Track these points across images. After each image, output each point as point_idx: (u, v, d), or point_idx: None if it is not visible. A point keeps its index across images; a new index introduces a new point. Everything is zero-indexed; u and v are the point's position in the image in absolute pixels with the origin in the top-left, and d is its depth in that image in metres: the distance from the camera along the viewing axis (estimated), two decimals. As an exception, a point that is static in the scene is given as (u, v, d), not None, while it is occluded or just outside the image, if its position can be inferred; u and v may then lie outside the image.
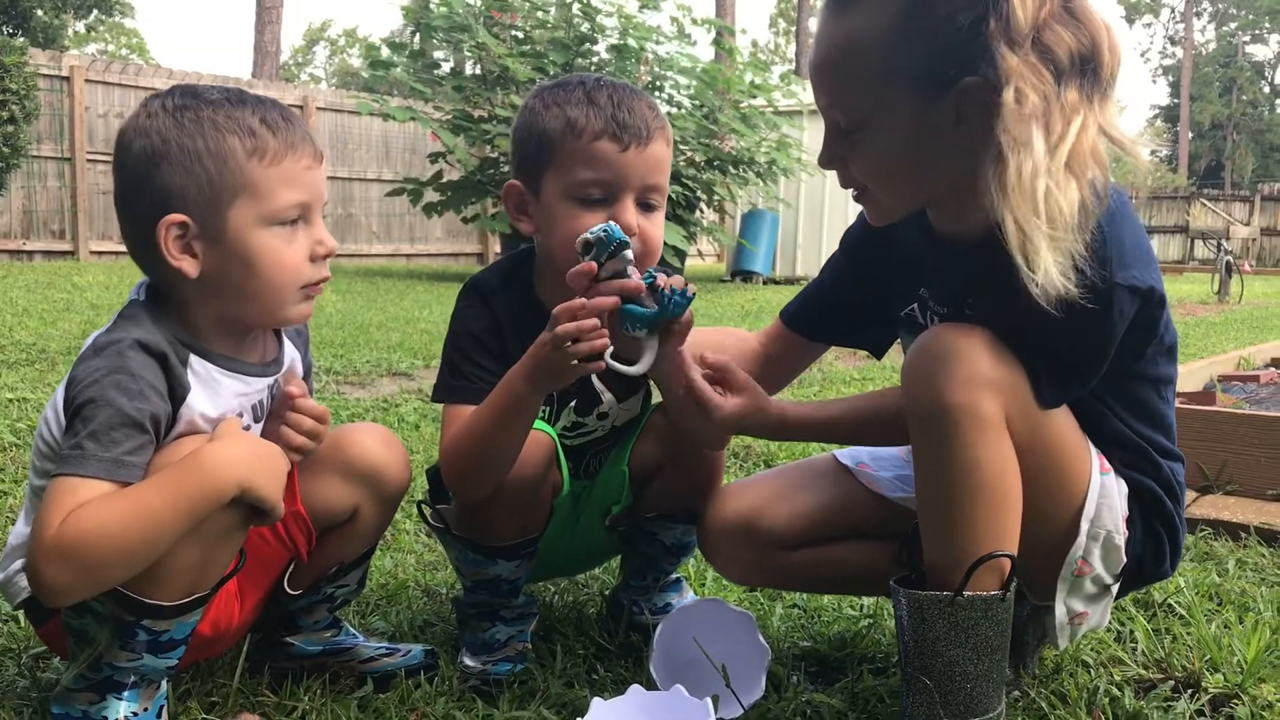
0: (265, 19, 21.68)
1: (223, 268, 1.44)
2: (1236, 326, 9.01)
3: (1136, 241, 1.42)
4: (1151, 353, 1.52)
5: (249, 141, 1.43)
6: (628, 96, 1.67)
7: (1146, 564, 1.59)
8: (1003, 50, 1.33)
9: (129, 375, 1.36)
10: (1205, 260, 21.66)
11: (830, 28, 1.46)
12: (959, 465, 1.41)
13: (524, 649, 1.78)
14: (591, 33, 11.70)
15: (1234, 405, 3.79)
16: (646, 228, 1.66)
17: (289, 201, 1.45)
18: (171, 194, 1.41)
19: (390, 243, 15.77)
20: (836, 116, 1.49)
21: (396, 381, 4.87)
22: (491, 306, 1.73)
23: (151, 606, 1.37)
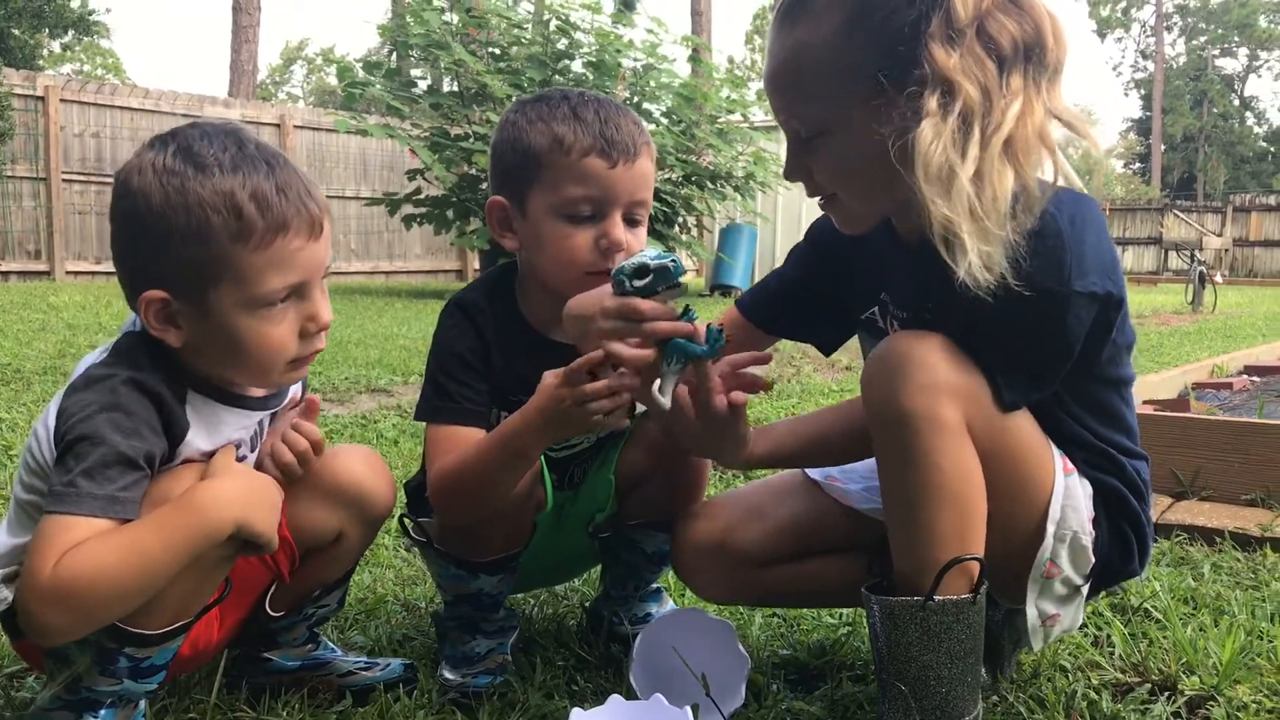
0: (241, 38, 21.64)
1: (206, 341, 1.40)
2: (1210, 336, 9.09)
3: (1099, 247, 1.42)
4: (1109, 354, 1.53)
5: (234, 224, 1.34)
6: (614, 113, 1.68)
7: (1115, 563, 1.60)
8: (937, 48, 1.35)
9: (124, 413, 1.33)
10: (1179, 271, 21.85)
11: (780, 39, 1.48)
12: (921, 471, 1.41)
13: (504, 661, 1.78)
14: (569, 49, 11.73)
15: (1208, 412, 3.82)
16: (633, 243, 1.67)
17: (277, 285, 1.39)
18: (151, 267, 1.37)
19: (369, 260, 15.74)
20: (795, 126, 1.51)
21: (375, 398, 4.85)
22: (477, 324, 1.72)
23: (135, 635, 1.36)
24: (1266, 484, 2.87)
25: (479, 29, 11.59)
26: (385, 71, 12.49)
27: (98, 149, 13.23)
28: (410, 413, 4.40)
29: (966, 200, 1.33)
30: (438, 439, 1.66)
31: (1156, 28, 58.97)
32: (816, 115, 1.47)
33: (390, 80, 12.10)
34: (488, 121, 10.75)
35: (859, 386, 1.50)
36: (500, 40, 11.73)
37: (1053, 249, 1.38)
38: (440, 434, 1.66)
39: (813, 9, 1.44)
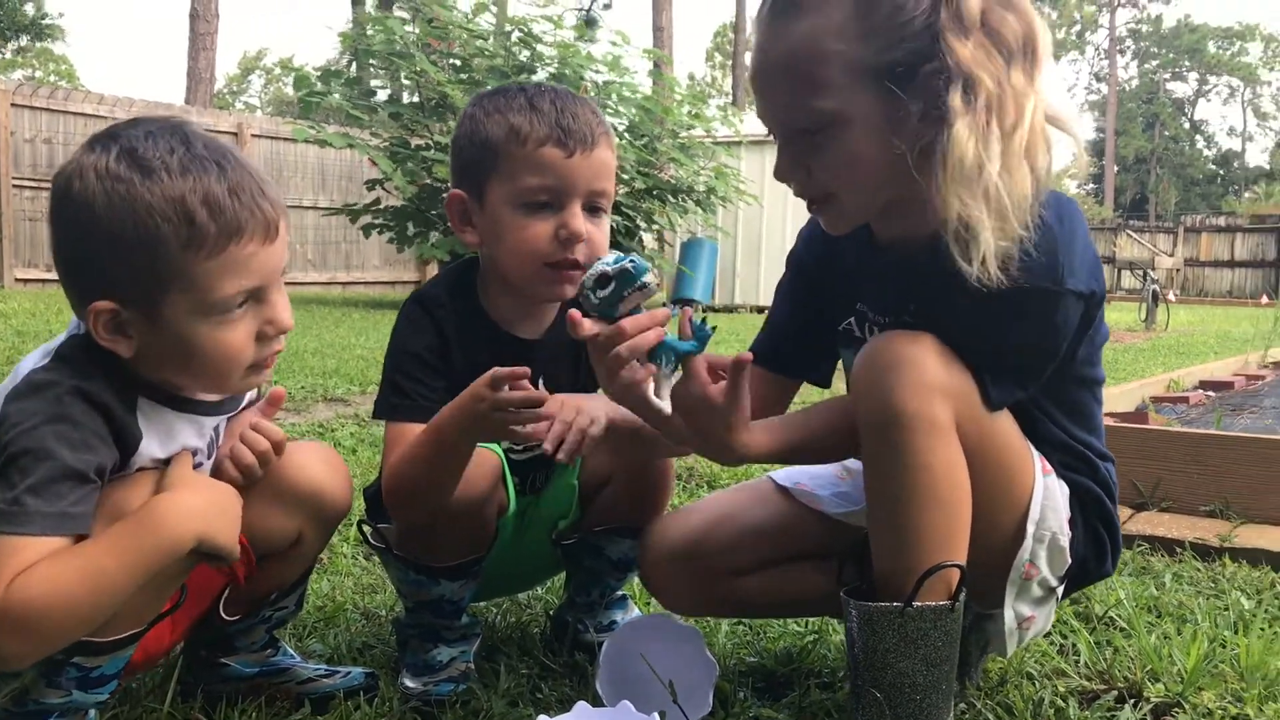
0: (199, 45, 21.41)
1: (159, 350, 1.34)
2: (1164, 353, 9.21)
3: (1086, 246, 1.44)
4: (1085, 353, 1.54)
5: (185, 231, 1.27)
6: (570, 102, 1.66)
7: (1090, 563, 1.60)
8: (955, 41, 1.35)
9: (70, 424, 1.27)
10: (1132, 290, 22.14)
11: (777, 33, 1.44)
12: (912, 473, 1.40)
13: (467, 669, 1.75)
14: (530, 61, 11.71)
15: (1166, 424, 3.86)
16: (594, 233, 1.66)
17: (231, 292, 1.32)
18: (99, 276, 1.30)
19: (326, 270, 15.59)
20: (798, 122, 1.46)
21: (332, 407, 4.79)
22: (436, 320, 1.70)
23: (84, 644, 1.31)
24: (1225, 495, 2.90)
25: (440, 40, 11.54)
26: (345, 80, 12.40)
27: (50, 155, 13.00)
28: (368, 422, 4.35)
29: (995, 197, 1.33)
30: (393, 437, 1.64)
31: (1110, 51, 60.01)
32: (826, 108, 1.42)
33: (350, 89, 12.01)
34: (448, 132, 10.69)
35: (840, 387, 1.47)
36: (461, 51, 11.69)
37: (1049, 248, 1.38)
38: (395, 431, 1.64)
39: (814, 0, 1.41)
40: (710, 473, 3.45)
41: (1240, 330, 12.58)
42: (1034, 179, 1.37)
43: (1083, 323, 1.46)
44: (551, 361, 1.74)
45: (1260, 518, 2.83)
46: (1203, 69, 61.22)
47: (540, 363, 1.72)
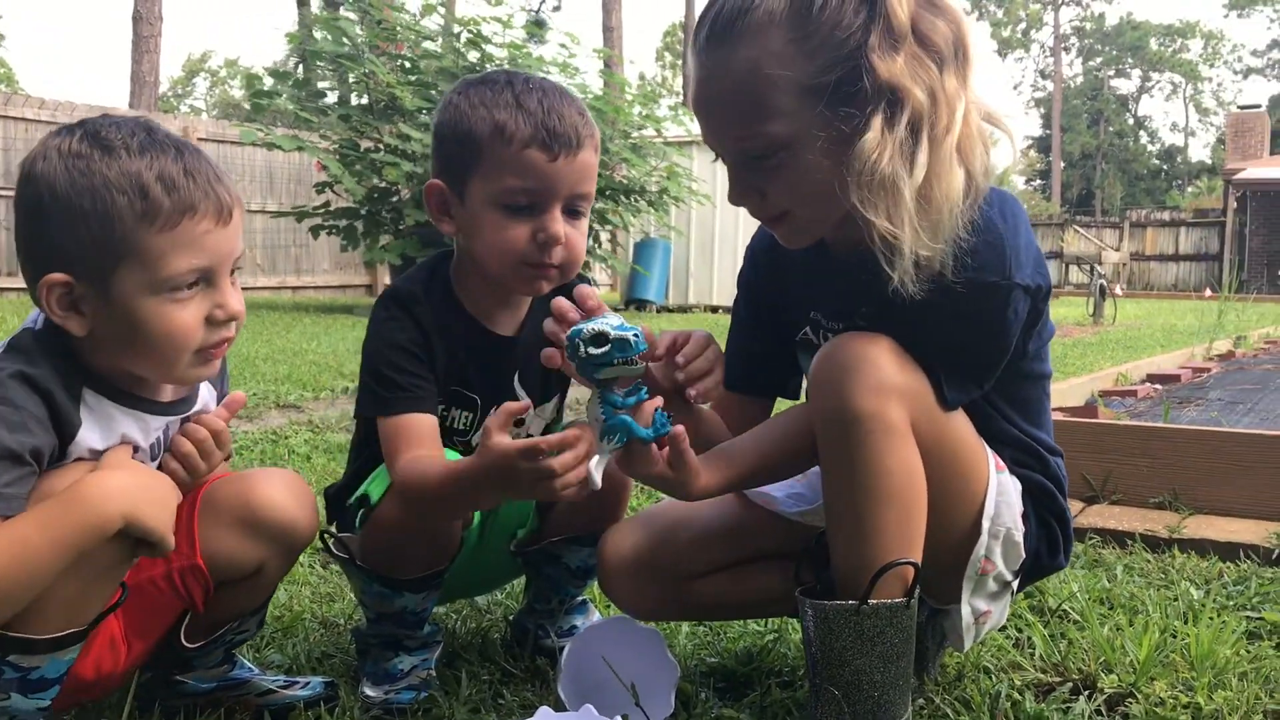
0: (142, 48, 21.09)
1: (110, 328, 1.35)
2: (1112, 346, 9.35)
3: (1029, 240, 1.47)
4: (1034, 348, 1.57)
5: (139, 204, 1.31)
6: (557, 100, 1.64)
7: (1043, 557, 1.63)
8: (878, 59, 1.37)
9: (10, 406, 1.28)
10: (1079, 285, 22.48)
11: (717, 60, 1.45)
12: (869, 473, 1.42)
13: (428, 676, 1.74)
14: (480, 62, 11.66)
15: (1116, 418, 3.92)
16: (572, 236, 1.66)
17: (182, 268, 1.34)
18: (55, 252, 1.33)
19: (276, 275, 15.42)
20: (748, 147, 1.47)
21: (285, 414, 4.75)
22: (415, 316, 1.68)
23: (17, 640, 1.29)
24: (1174, 487, 2.95)
25: (388, 41, 11.46)
26: (293, 82, 12.28)
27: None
28: (322, 428, 4.31)
29: (909, 212, 1.35)
30: (396, 431, 1.61)
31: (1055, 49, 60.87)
32: (773, 132, 1.43)
33: (298, 91, 11.89)
34: (397, 134, 10.63)
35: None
36: (410, 53, 11.62)
37: (993, 244, 1.41)
38: (397, 425, 1.62)
39: (753, 25, 1.41)
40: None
41: (1185, 323, 12.81)
42: (969, 180, 1.39)
43: (1030, 317, 1.49)
44: (526, 359, 1.72)
45: (1208, 508, 2.89)
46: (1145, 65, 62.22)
47: (517, 360, 1.72)
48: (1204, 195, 45.50)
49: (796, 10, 1.40)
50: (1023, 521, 1.58)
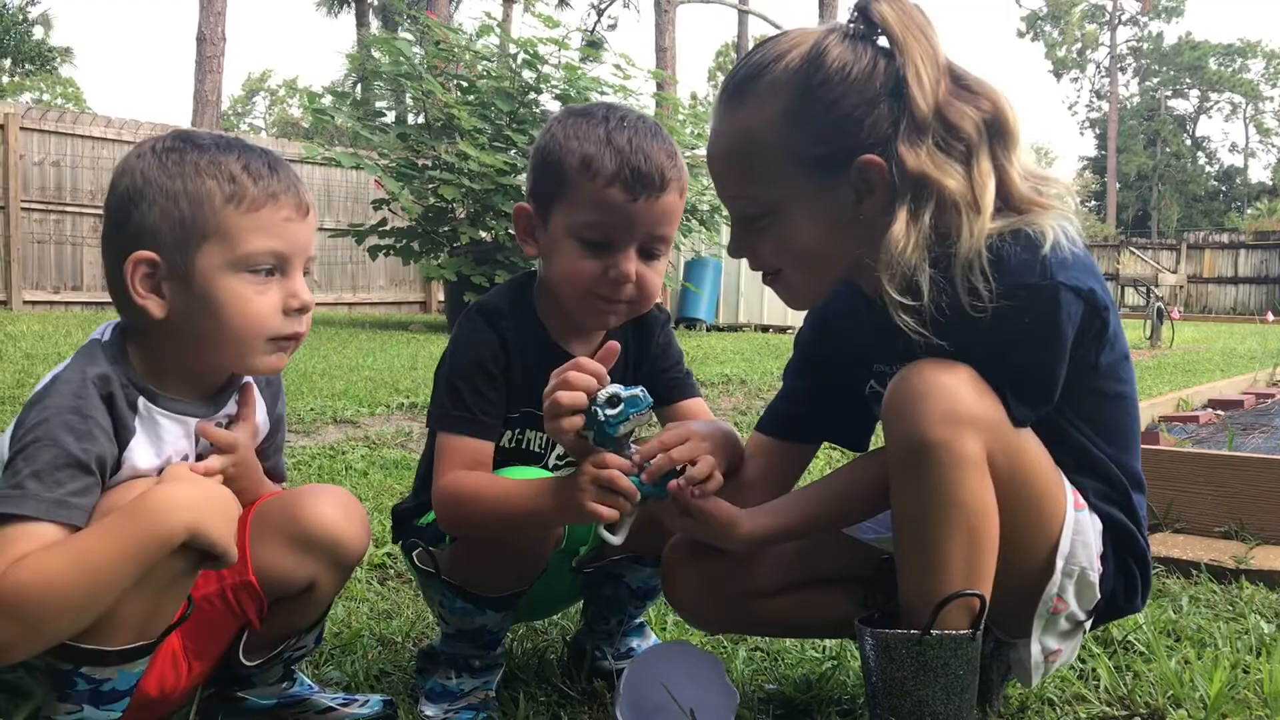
0: (205, 68, 21.51)
1: (188, 311, 1.42)
2: (1170, 370, 9.20)
3: (1078, 256, 1.45)
4: (1106, 363, 1.53)
5: (227, 187, 1.41)
6: (647, 141, 1.65)
7: (1120, 598, 1.59)
8: (905, 150, 1.44)
9: (79, 415, 1.32)
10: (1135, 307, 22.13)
11: (725, 121, 1.54)
12: (938, 503, 1.40)
13: (487, 697, 1.74)
14: (536, 82, 11.75)
15: (1178, 444, 3.85)
16: (646, 275, 1.67)
17: (261, 249, 1.43)
18: (145, 232, 1.41)
19: (332, 291, 15.61)
20: (741, 207, 1.55)
21: (342, 429, 4.79)
22: (499, 329, 1.70)
23: (91, 652, 1.31)
24: (1239, 516, 2.89)
25: (446, 61, 11.59)
26: (351, 101, 12.45)
27: (58, 178, 13.07)
28: (378, 444, 4.35)
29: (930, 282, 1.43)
30: (451, 449, 1.65)
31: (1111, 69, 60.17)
32: (762, 196, 1.52)
33: (357, 110, 12.06)
34: (454, 153, 10.74)
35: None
36: (467, 73, 11.73)
37: (1027, 247, 1.42)
38: (453, 444, 1.65)
39: (757, 91, 1.50)
40: (722, 495, 3.43)
41: (1245, 347, 12.57)
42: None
43: (1094, 326, 1.46)
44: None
45: (1276, 539, 2.82)
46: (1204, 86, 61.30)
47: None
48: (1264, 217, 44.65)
49: (799, 83, 1.47)
50: (1100, 562, 1.54)
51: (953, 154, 1.44)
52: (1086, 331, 1.45)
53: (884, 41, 1.50)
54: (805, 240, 1.51)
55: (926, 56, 1.47)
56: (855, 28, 1.51)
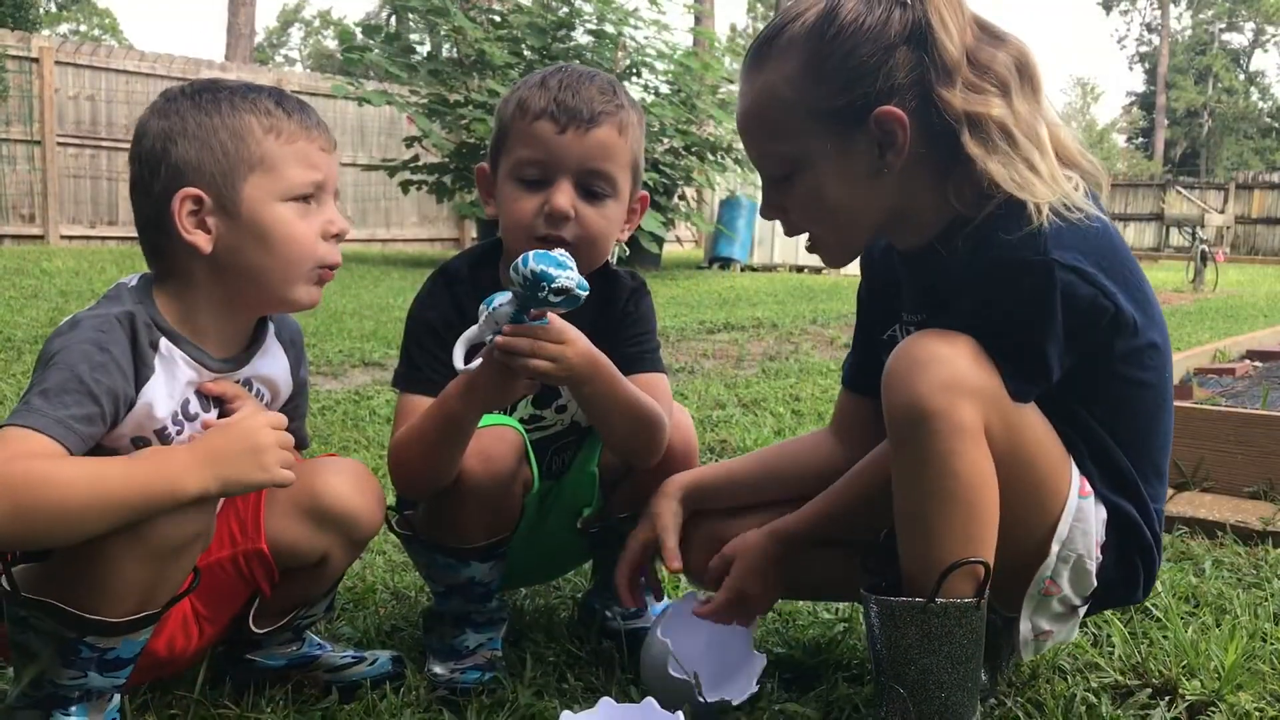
0: (239, 1, 21.45)
1: (236, 242, 1.45)
2: (1212, 316, 9.05)
3: (1085, 238, 1.42)
4: (1127, 349, 1.48)
5: (265, 120, 1.45)
6: (582, 82, 1.67)
7: (1118, 589, 1.57)
8: (944, 91, 1.44)
9: (97, 348, 1.34)
10: (1180, 248, 21.79)
11: (748, 83, 1.55)
12: (936, 474, 1.38)
13: (494, 656, 1.75)
14: (569, 17, 11.61)
15: (1210, 400, 3.79)
16: (587, 214, 1.66)
17: (304, 178, 1.47)
18: (187, 169, 1.43)
19: (366, 228, 15.63)
20: (768, 167, 1.56)
21: (369, 372, 4.82)
22: (455, 293, 1.72)
23: (94, 622, 1.32)
24: (1269, 476, 2.84)
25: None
26: (384, 36, 12.36)
27: (92, 112, 13.11)
28: (404, 388, 4.36)
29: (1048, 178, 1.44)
30: (401, 408, 1.68)
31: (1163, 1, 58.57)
32: (786, 153, 1.52)
33: (389, 45, 11.97)
34: (486, 89, 10.65)
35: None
36: (500, 7, 11.60)
37: (1023, 219, 1.40)
38: (403, 403, 1.68)
39: (776, 50, 1.51)
40: (743, 445, 3.43)
41: (1291, 291, 12.34)
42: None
43: (1096, 308, 1.41)
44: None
45: (1305, 500, 2.77)
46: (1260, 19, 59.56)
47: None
48: (1318, 156, 43.63)
49: (814, 38, 1.47)
50: (1100, 551, 1.52)
51: (988, 93, 1.44)
52: (1091, 314, 1.40)
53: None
54: (831, 195, 1.51)
55: (950, 3, 1.46)
56: None
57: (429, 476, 1.62)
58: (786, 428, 3.74)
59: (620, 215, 1.71)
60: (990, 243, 1.41)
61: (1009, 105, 1.45)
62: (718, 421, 3.84)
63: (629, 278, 1.82)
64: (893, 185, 1.49)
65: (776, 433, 3.64)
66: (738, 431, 3.63)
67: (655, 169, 11.29)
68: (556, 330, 1.50)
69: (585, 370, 1.54)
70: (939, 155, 1.46)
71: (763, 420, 3.86)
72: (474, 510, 1.65)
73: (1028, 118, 1.45)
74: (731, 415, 3.95)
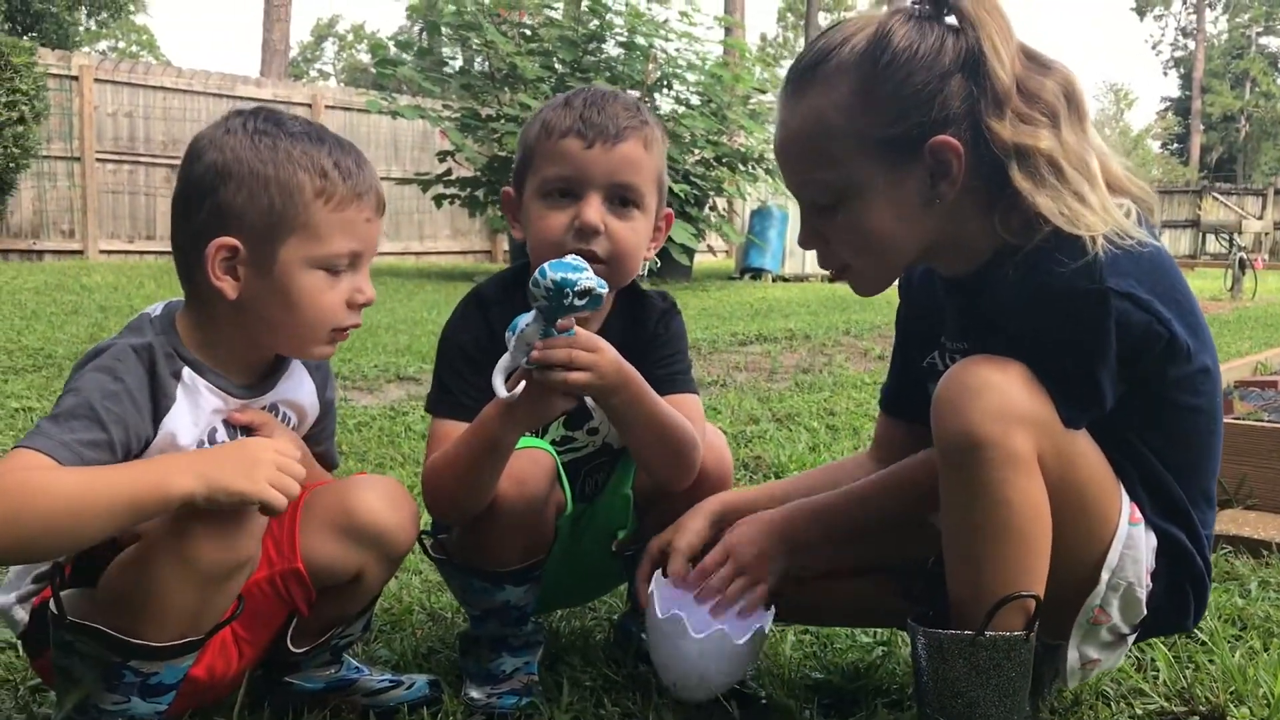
0: (273, 16, 21.64)
1: (261, 295, 1.45)
2: (1251, 325, 8.93)
3: (1139, 264, 1.40)
4: (1179, 375, 1.46)
5: (318, 181, 1.44)
6: (607, 100, 1.68)
7: (1168, 618, 1.55)
8: (994, 123, 1.42)
9: (112, 377, 1.36)
10: (1217, 255, 21.53)
11: (791, 109, 1.51)
12: (988, 503, 1.37)
13: (530, 681, 1.74)
14: (600, 30, 11.64)
15: (1252, 415, 3.72)
16: (617, 228, 1.66)
17: (342, 249, 1.47)
18: (230, 215, 1.42)
19: (400, 241, 15.73)
20: (811, 195, 1.52)
21: (404, 387, 4.83)
22: (487, 316, 1.72)
23: (139, 647, 1.33)
24: (1316, 493, 2.79)
25: (509, 9, 11.51)
26: (417, 51, 12.45)
27: (130, 128, 13.28)
28: (439, 404, 4.37)
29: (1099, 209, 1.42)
30: (434, 433, 1.68)
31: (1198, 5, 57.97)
32: (833, 181, 1.48)
33: (422, 59, 12.05)
34: (518, 103, 10.69)
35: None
36: (531, 20, 11.65)
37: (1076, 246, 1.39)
38: (437, 428, 1.69)
39: (824, 75, 1.47)
40: (778, 462, 3.41)
41: (1333, 299, 12.16)
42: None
43: (1150, 336, 1.39)
44: None
45: (1353, 518, 2.72)
46: (1297, 22, 58.90)
47: None
48: (1358, 160, 43.03)
49: (867, 64, 1.44)
50: (1150, 579, 1.49)
51: (1037, 123, 1.42)
52: (1145, 342, 1.39)
53: (951, 20, 1.47)
54: (878, 225, 1.48)
55: (1002, 30, 1.44)
56: (920, 9, 1.49)
57: (465, 501, 1.61)
58: (821, 443, 3.72)
59: (648, 230, 1.71)
60: (1042, 270, 1.39)
61: (1057, 136, 1.42)
62: (752, 437, 3.82)
63: (659, 299, 1.81)
64: (940, 216, 1.47)
65: (811, 448, 3.62)
66: (772, 447, 3.61)
67: (686, 180, 11.28)
68: (586, 339, 1.50)
69: (617, 378, 1.54)
70: (987, 186, 1.45)
71: (797, 435, 3.84)
72: (508, 533, 1.65)
73: (1076, 148, 1.43)
74: (765, 430, 3.93)
